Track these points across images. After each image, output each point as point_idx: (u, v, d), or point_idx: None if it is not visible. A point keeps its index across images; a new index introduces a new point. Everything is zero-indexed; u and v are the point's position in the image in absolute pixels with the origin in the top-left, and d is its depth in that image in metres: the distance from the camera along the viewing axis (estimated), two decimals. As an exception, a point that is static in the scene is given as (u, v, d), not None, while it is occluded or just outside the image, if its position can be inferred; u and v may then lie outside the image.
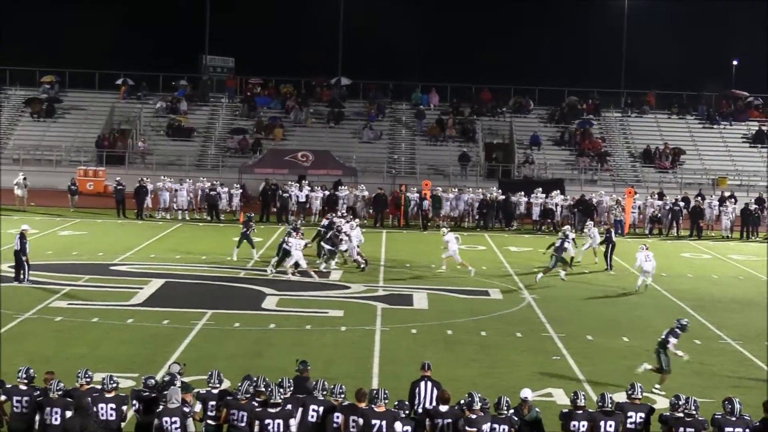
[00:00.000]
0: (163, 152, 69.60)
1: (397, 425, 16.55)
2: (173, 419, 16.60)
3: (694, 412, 16.85)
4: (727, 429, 16.44)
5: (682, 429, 16.77)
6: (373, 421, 16.59)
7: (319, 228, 42.08)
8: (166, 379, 18.05)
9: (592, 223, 47.53)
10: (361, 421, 16.80)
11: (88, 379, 17.59)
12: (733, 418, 16.48)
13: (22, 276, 34.17)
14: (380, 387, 17.49)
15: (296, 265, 37.37)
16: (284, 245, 37.95)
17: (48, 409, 16.84)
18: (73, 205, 55.55)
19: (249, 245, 41.14)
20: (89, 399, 16.89)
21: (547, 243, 47.48)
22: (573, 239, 40.68)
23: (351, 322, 30.31)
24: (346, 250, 40.03)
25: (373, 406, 16.86)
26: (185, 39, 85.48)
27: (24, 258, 34.27)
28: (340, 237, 39.25)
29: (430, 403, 17.97)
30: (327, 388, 17.48)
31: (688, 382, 24.57)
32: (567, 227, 42.36)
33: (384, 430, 16.54)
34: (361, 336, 28.67)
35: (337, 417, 17.04)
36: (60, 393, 17.06)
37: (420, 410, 17.88)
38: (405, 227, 54.06)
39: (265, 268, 38.87)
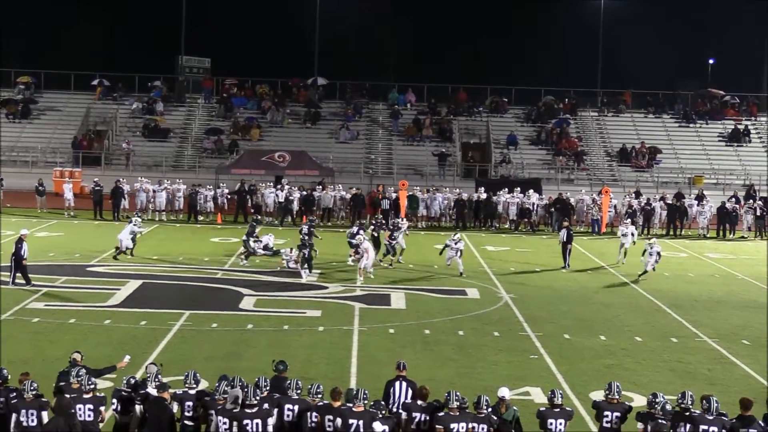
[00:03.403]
0: (140, 153, 69.49)
1: (376, 425, 16.56)
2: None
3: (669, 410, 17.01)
4: (702, 427, 16.51)
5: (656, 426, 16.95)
6: (351, 421, 16.62)
7: (300, 228, 41.87)
8: (147, 377, 18.04)
9: (629, 220, 47.83)
10: (338, 420, 16.84)
11: (80, 379, 17.54)
12: (710, 417, 16.56)
13: (10, 279, 33.92)
14: (359, 387, 17.50)
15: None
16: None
17: (23, 411, 16.77)
18: (42, 207, 55.30)
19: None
20: (71, 401, 16.90)
21: (523, 243, 47.76)
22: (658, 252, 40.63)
23: (329, 323, 30.32)
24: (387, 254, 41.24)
25: (351, 405, 16.89)
26: (161, 40, 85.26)
27: (21, 261, 33.95)
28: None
29: None
30: (302, 387, 17.50)
31: (665, 380, 24.69)
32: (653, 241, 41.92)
33: (361, 429, 16.57)
34: (339, 336, 28.67)
35: (316, 417, 17.06)
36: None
37: (395, 410, 17.94)
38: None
39: (242, 268, 39.04)
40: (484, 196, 56.06)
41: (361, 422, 16.56)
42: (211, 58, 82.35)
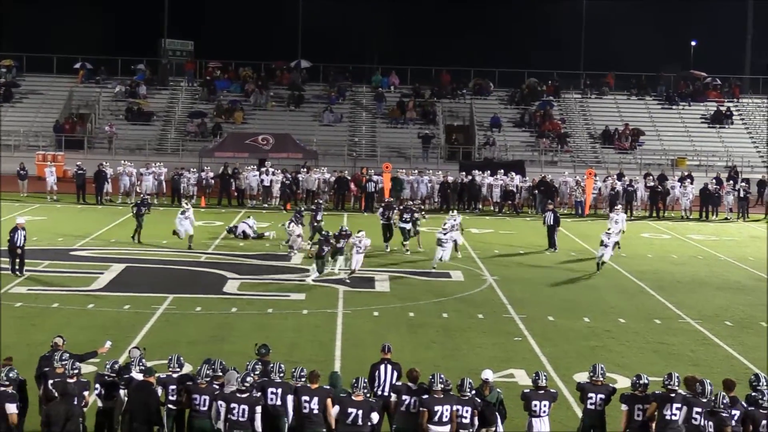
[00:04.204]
0: (123, 136, 69.27)
1: (374, 416, 16.60)
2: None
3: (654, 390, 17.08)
4: (696, 410, 16.51)
5: (640, 407, 17.01)
6: (350, 410, 16.60)
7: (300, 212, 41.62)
8: (130, 361, 17.98)
9: (620, 207, 47.63)
10: (314, 401, 16.88)
11: (63, 363, 17.48)
12: (704, 400, 16.56)
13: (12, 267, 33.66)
14: (358, 376, 17.44)
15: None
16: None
17: None
18: (24, 191, 55.09)
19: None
20: (73, 385, 16.85)
21: (507, 225, 47.83)
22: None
23: (313, 306, 30.29)
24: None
25: (350, 394, 16.91)
26: (144, 23, 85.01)
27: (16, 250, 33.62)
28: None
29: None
30: (284, 371, 17.48)
31: (649, 361, 24.73)
32: None
33: (360, 419, 16.55)
34: (324, 319, 28.65)
35: (306, 400, 17.01)
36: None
37: (380, 393, 17.93)
38: (366, 210, 53.83)
39: (226, 252, 39.03)
40: (467, 178, 56.03)
41: (360, 412, 16.56)
42: (194, 41, 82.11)
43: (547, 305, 31.37)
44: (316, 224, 40.81)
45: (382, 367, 18.38)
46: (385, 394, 17.85)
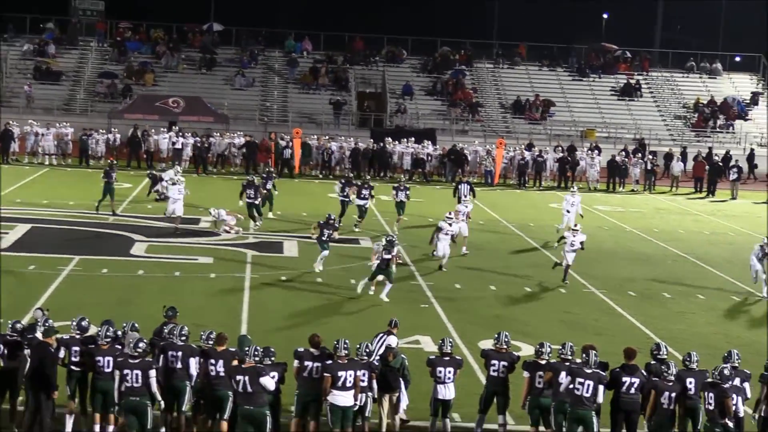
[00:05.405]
0: (31, 95, 68.16)
1: (264, 380, 16.37)
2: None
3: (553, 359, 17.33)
4: (578, 380, 16.72)
5: (541, 374, 17.31)
6: (238, 377, 16.45)
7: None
8: (35, 322, 17.81)
9: (576, 188, 43.46)
10: (220, 364, 16.95)
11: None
12: (588, 370, 16.79)
13: None
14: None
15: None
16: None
17: None
18: None
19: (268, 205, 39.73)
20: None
21: (417, 193, 47.94)
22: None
23: (220, 269, 30.27)
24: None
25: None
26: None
27: None
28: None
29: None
30: (187, 334, 17.42)
31: (553, 330, 25.02)
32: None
33: (248, 386, 16.40)
34: (231, 283, 28.66)
35: (212, 363, 17.00)
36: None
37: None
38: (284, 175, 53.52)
39: (134, 214, 38.79)
40: (377, 145, 56.09)
41: (246, 377, 16.42)
42: (105, 1, 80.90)
43: (455, 273, 31.58)
44: (265, 192, 39.56)
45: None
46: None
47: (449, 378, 17.65)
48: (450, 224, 32.21)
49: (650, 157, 58.68)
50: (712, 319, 28.15)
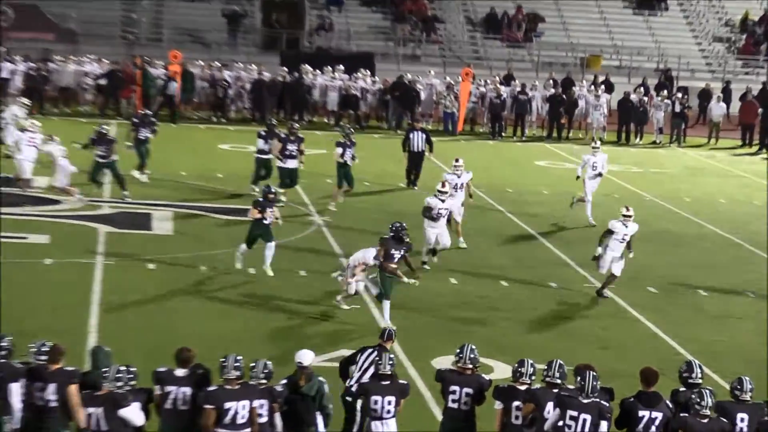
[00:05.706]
0: None
1: (123, 411, 16.06)
2: None
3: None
4: (570, 413, 16.53)
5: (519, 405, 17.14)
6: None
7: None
8: None
9: (599, 143, 41.80)
10: (50, 388, 16.49)
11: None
12: (585, 400, 16.57)
13: None
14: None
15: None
16: None
17: None
18: None
19: None
20: None
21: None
22: None
23: (60, 253, 30.04)
24: None
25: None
26: None
27: None
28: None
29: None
30: (10, 347, 16.98)
31: (540, 341, 24.96)
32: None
33: (102, 419, 16.14)
34: (75, 273, 28.46)
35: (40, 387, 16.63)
36: None
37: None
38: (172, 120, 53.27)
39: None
40: (291, 76, 55.91)
41: (100, 410, 16.09)
42: None
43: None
44: (141, 138, 38.94)
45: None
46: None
47: (388, 412, 17.42)
48: (442, 200, 30.83)
49: (679, 95, 58.84)
50: (766, 328, 28.10)
